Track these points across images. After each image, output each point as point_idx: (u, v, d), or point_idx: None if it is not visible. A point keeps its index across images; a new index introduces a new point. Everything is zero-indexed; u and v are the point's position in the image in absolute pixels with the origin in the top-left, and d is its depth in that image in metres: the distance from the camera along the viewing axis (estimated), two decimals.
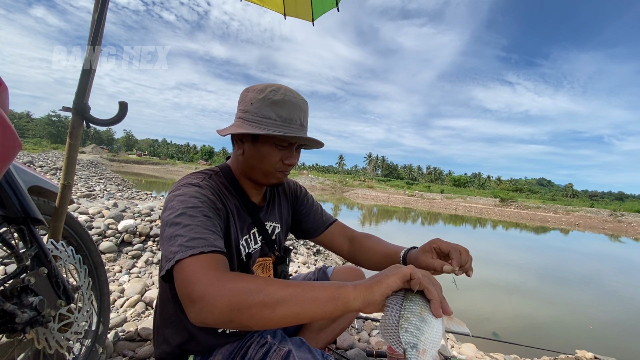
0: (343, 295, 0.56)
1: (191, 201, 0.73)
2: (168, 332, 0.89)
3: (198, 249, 0.62)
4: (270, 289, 0.55)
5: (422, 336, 0.52)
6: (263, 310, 0.54)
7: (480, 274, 6.35)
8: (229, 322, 0.54)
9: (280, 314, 0.54)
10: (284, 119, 0.82)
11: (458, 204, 35.41)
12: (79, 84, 1.00)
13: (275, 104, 0.82)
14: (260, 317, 0.54)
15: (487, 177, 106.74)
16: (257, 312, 0.53)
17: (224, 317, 0.53)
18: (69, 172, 1.04)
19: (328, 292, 0.56)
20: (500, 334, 3.38)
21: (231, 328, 0.55)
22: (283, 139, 0.84)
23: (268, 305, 0.54)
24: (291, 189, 1.13)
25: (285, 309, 0.54)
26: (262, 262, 1.02)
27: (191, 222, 0.68)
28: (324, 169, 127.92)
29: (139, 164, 53.99)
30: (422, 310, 0.53)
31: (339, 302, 0.55)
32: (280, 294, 0.55)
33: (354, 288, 0.56)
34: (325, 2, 1.80)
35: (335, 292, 0.56)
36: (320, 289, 0.56)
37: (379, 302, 0.56)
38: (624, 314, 4.79)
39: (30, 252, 0.83)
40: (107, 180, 13.22)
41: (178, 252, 0.62)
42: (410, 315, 0.53)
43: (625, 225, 26.76)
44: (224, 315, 0.53)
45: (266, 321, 0.54)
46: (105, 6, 1.02)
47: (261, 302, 0.54)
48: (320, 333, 1.16)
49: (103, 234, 2.64)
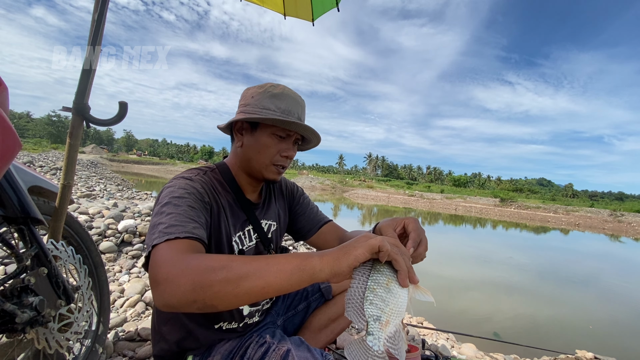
0: (309, 267, 0.54)
1: (178, 192, 0.74)
2: (165, 329, 0.89)
3: (174, 235, 0.63)
4: (234, 265, 0.54)
5: (387, 307, 0.51)
6: (226, 286, 0.52)
7: (480, 274, 6.35)
8: (192, 303, 0.52)
9: (244, 289, 0.52)
10: (283, 110, 0.85)
11: (458, 204, 35.41)
12: (79, 84, 1.00)
13: (275, 96, 0.85)
14: (224, 294, 0.52)
15: (487, 177, 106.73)
16: (220, 289, 0.52)
17: (187, 297, 0.51)
18: (69, 172, 1.04)
19: (293, 264, 0.54)
20: (500, 334, 3.38)
21: (197, 310, 0.52)
22: (282, 129, 0.85)
23: (231, 281, 0.52)
24: (288, 189, 1.14)
25: (249, 284, 0.52)
26: None
27: (174, 210, 0.69)
28: (324, 169, 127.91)
29: (139, 164, 53.99)
30: (388, 280, 0.52)
31: (304, 273, 0.54)
32: (243, 269, 0.53)
33: (320, 258, 0.55)
34: (326, 2, 1.80)
35: (301, 263, 0.54)
36: (285, 262, 0.55)
37: (346, 273, 0.55)
38: (624, 314, 4.79)
39: (30, 252, 0.83)
40: (107, 180, 13.22)
41: (156, 238, 0.63)
42: (376, 287, 0.52)
43: (625, 225, 26.76)
44: (187, 295, 0.51)
45: (230, 297, 0.52)
46: (105, 6, 1.02)
47: (224, 279, 0.52)
48: (320, 333, 1.16)
49: (103, 234, 2.64)
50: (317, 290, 1.21)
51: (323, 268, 0.54)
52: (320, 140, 0.95)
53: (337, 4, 1.78)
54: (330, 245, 1.09)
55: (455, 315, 3.80)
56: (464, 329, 2.58)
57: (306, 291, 1.21)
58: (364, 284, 0.52)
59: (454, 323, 3.47)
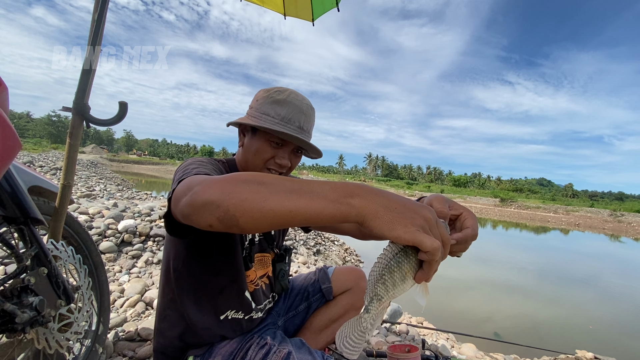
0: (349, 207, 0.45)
1: (201, 159, 0.79)
2: (165, 324, 0.89)
3: (202, 173, 0.65)
4: (269, 179, 0.49)
5: (393, 292, 0.49)
6: (255, 197, 0.46)
7: (480, 274, 6.35)
8: (215, 208, 0.47)
9: (271, 205, 0.46)
10: (282, 117, 0.84)
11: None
12: (79, 84, 1.00)
13: (277, 102, 0.85)
14: (250, 204, 0.46)
15: (487, 177, 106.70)
16: (247, 197, 0.46)
17: (213, 198, 0.48)
18: (69, 172, 1.04)
19: (334, 196, 0.46)
20: (500, 334, 3.38)
21: (216, 221, 0.48)
22: (277, 137, 0.85)
23: (261, 193, 0.47)
24: None
25: (278, 202, 0.46)
26: (261, 257, 1.02)
27: (199, 166, 0.72)
28: (324, 169, 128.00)
29: (138, 164, 54.01)
30: (409, 270, 0.48)
31: (339, 212, 0.45)
32: (278, 185, 0.48)
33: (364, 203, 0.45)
34: (326, 2, 1.80)
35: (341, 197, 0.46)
36: (328, 189, 0.47)
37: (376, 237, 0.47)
38: (624, 314, 4.79)
39: (30, 252, 0.83)
40: (107, 180, 13.23)
41: (183, 178, 0.61)
42: (396, 271, 0.48)
43: (625, 225, 26.77)
44: (213, 196, 0.48)
45: (255, 212, 0.46)
46: (105, 6, 1.02)
47: (255, 190, 0.47)
48: (321, 333, 1.16)
49: (103, 234, 2.64)
50: (318, 290, 1.21)
51: (359, 214, 0.44)
52: (320, 154, 0.94)
53: (337, 4, 1.78)
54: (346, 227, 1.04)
55: (455, 315, 3.80)
56: (464, 329, 2.58)
57: (307, 291, 1.22)
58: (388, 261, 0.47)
59: (454, 323, 3.47)
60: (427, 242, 0.42)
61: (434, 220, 0.45)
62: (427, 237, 0.42)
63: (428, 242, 0.42)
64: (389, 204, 0.45)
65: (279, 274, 1.08)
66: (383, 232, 0.43)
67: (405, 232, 0.43)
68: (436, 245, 0.42)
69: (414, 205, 0.45)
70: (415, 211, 0.44)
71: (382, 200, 0.45)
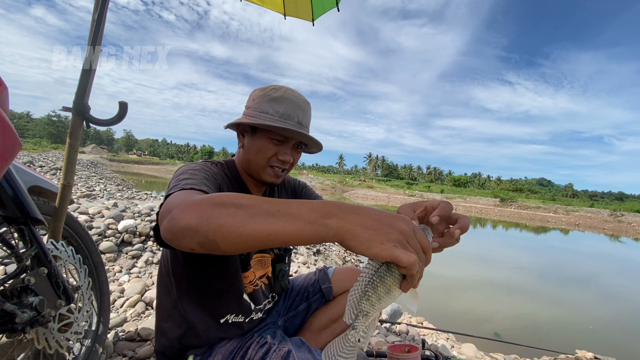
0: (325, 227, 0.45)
1: (196, 167, 0.80)
2: (167, 325, 0.89)
3: (188, 186, 0.66)
4: (246, 202, 0.49)
5: (379, 305, 0.49)
6: (233, 222, 0.46)
7: (480, 273, 6.35)
8: (195, 234, 0.47)
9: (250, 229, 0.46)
10: (281, 114, 0.85)
11: (458, 204, 35.41)
12: (79, 84, 1.00)
13: (274, 100, 0.86)
14: (229, 229, 0.46)
15: (487, 177, 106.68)
16: (226, 222, 0.47)
17: (192, 224, 0.48)
18: (69, 172, 1.04)
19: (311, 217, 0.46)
20: (500, 334, 3.38)
21: (197, 246, 0.48)
22: (278, 134, 0.86)
23: (239, 217, 0.47)
24: (290, 185, 1.16)
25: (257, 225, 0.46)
26: (260, 258, 1.02)
27: (190, 176, 0.73)
28: (324, 169, 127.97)
29: (139, 164, 54.01)
30: (393, 282, 0.48)
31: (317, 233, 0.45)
32: (255, 208, 0.48)
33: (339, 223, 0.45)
34: (326, 2, 1.80)
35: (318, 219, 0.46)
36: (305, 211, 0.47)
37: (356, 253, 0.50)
38: (624, 314, 4.79)
39: (30, 252, 0.83)
40: (107, 180, 13.23)
41: (170, 190, 0.65)
42: (379, 285, 0.48)
43: (625, 225, 26.77)
44: (192, 222, 0.48)
45: (234, 236, 0.46)
46: (105, 6, 1.02)
47: (232, 214, 0.47)
48: (321, 333, 1.16)
49: (103, 234, 2.64)
50: (318, 290, 1.21)
51: (337, 234, 0.45)
52: (321, 147, 0.95)
53: (337, 4, 1.78)
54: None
55: (455, 315, 3.81)
56: (464, 329, 2.59)
57: (307, 292, 1.21)
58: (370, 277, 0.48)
59: (454, 323, 3.47)
60: (403, 257, 0.43)
61: (410, 231, 0.45)
62: (403, 253, 0.43)
63: (404, 257, 0.43)
64: (365, 222, 0.45)
65: (279, 275, 1.08)
66: (361, 251, 0.44)
67: (381, 249, 0.43)
68: (412, 260, 0.43)
69: (390, 219, 0.46)
70: (391, 226, 0.45)
71: (358, 219, 0.45)
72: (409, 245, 0.44)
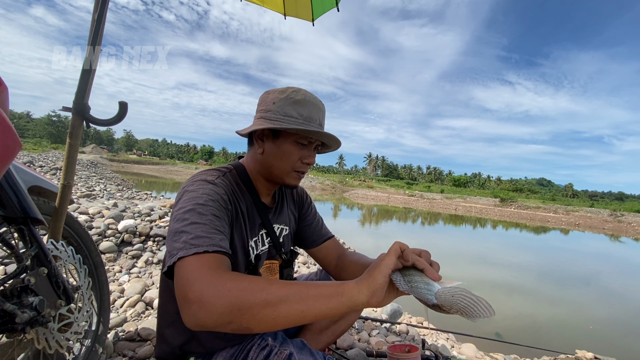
0: (347, 291, 0.56)
1: (202, 198, 0.72)
2: (169, 332, 0.88)
3: (202, 248, 0.61)
4: (273, 288, 0.54)
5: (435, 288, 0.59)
6: (265, 309, 0.52)
7: (480, 273, 6.35)
8: (228, 324, 0.51)
9: (283, 313, 0.52)
10: (305, 117, 0.84)
11: (458, 204, 35.41)
12: (79, 84, 1.00)
13: (297, 103, 0.84)
14: (263, 316, 0.52)
15: (487, 177, 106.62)
16: (258, 311, 0.51)
17: (224, 318, 0.51)
18: (69, 172, 1.04)
19: (332, 289, 0.56)
20: (501, 334, 3.38)
21: (230, 331, 0.52)
22: (304, 137, 0.85)
23: (271, 304, 0.52)
24: (299, 194, 1.14)
25: (289, 307, 0.53)
26: (269, 264, 1.01)
27: (199, 219, 0.66)
28: (324, 169, 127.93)
29: (139, 164, 53.99)
30: (421, 277, 0.59)
31: (343, 297, 0.55)
32: (282, 292, 0.54)
33: (356, 283, 0.57)
34: (325, 2, 1.80)
35: (338, 288, 0.56)
36: (323, 286, 0.57)
37: (383, 285, 0.58)
38: (624, 314, 4.79)
39: (30, 252, 0.83)
40: (107, 180, 13.22)
41: (182, 249, 0.61)
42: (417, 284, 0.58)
43: (625, 225, 26.76)
44: (224, 316, 0.51)
45: (269, 320, 0.52)
46: (105, 6, 1.02)
47: (264, 301, 0.52)
48: (322, 334, 1.16)
49: (103, 234, 2.64)
50: None
51: (361, 289, 0.56)
52: (340, 145, 0.94)
53: (337, 4, 1.78)
54: (327, 260, 1.11)
55: (455, 315, 3.80)
56: (464, 329, 2.58)
57: None
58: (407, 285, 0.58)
59: (454, 323, 3.46)
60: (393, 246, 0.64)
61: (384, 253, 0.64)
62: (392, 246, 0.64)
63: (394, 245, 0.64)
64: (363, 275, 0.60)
65: (286, 279, 1.07)
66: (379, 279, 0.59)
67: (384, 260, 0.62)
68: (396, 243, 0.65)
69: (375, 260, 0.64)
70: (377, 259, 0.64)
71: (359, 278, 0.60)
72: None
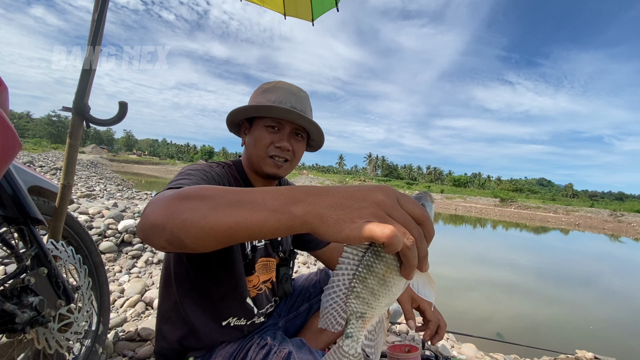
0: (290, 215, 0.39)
1: (195, 167, 0.80)
2: (167, 327, 0.89)
3: (178, 185, 0.65)
4: (210, 193, 0.45)
5: (376, 302, 0.38)
6: (194, 216, 0.43)
7: (480, 273, 6.35)
8: (162, 230, 0.45)
9: (211, 223, 0.42)
10: (273, 101, 0.86)
11: (458, 204, 35.41)
12: (78, 84, 1.00)
13: (266, 90, 0.89)
14: (191, 224, 0.43)
15: (487, 177, 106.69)
16: (188, 217, 0.43)
17: (158, 222, 0.45)
18: (69, 172, 1.04)
19: (275, 205, 0.40)
20: (502, 334, 3.38)
21: (166, 243, 0.45)
22: (272, 120, 0.87)
23: (201, 211, 0.43)
24: None
25: (218, 218, 0.42)
26: (266, 262, 1.02)
27: (185, 177, 0.72)
28: (324, 169, 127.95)
29: (138, 164, 54.00)
30: (387, 270, 0.38)
31: (281, 222, 0.39)
32: (218, 200, 0.44)
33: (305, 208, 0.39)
34: (325, 2, 1.80)
35: (283, 206, 0.40)
36: (269, 198, 0.41)
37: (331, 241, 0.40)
38: (624, 314, 4.79)
39: (30, 252, 0.83)
40: (107, 180, 13.23)
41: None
42: (368, 276, 0.37)
43: (625, 225, 26.76)
44: (159, 220, 0.45)
45: (196, 230, 0.43)
46: (105, 6, 1.02)
47: (195, 208, 0.44)
48: (321, 334, 1.16)
49: (103, 234, 2.64)
50: (319, 291, 1.21)
51: (304, 222, 0.38)
52: (322, 133, 0.93)
53: (337, 4, 1.78)
54: (334, 262, 1.15)
55: (455, 315, 3.80)
56: (464, 329, 2.58)
57: (309, 292, 1.21)
58: (353, 269, 0.38)
59: (454, 323, 3.46)
60: (376, 230, 0.34)
61: (390, 200, 0.37)
62: (377, 225, 0.34)
63: (378, 230, 0.34)
64: (335, 202, 0.38)
65: (282, 278, 1.08)
66: (332, 236, 0.37)
67: (352, 229, 0.35)
68: (387, 231, 0.34)
69: (364, 193, 0.38)
70: (364, 199, 0.37)
71: (327, 200, 0.38)
72: (391, 217, 0.36)
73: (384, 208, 0.36)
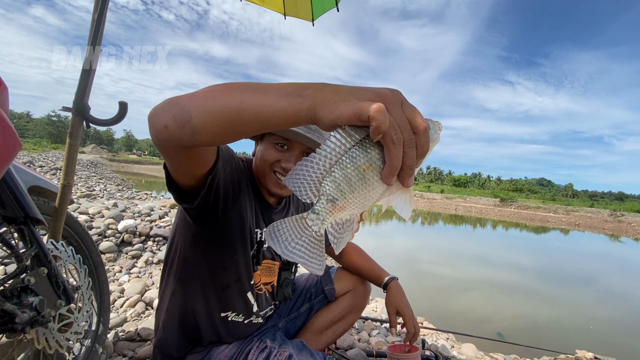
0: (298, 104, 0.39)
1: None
2: (165, 319, 0.89)
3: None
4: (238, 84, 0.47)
5: (350, 195, 0.38)
6: (212, 93, 0.47)
7: (480, 273, 6.35)
8: (174, 105, 0.48)
9: (220, 104, 0.44)
10: None
11: (458, 204, 35.41)
12: (78, 84, 1.00)
13: None
14: (203, 100, 0.46)
15: (487, 177, 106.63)
16: (204, 93, 0.47)
17: (178, 98, 0.48)
18: (69, 172, 1.03)
19: (286, 91, 0.41)
20: (502, 334, 3.38)
21: (171, 118, 0.47)
22: (281, 138, 0.85)
23: (217, 91, 0.47)
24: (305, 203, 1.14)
25: (228, 99, 0.44)
26: (270, 264, 1.02)
27: None
28: None
29: (138, 164, 53.99)
30: (369, 166, 0.37)
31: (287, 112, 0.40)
32: (231, 85, 0.47)
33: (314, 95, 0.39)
34: (325, 2, 1.80)
35: (296, 90, 0.40)
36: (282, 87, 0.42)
37: (327, 128, 0.39)
38: (624, 314, 4.79)
39: (30, 252, 0.83)
40: (107, 180, 13.23)
41: None
42: (349, 166, 0.37)
43: (625, 225, 26.76)
44: (177, 98, 0.49)
45: (208, 105, 0.45)
46: (105, 6, 1.02)
47: (213, 89, 0.48)
48: (322, 334, 1.16)
49: (103, 234, 2.64)
50: (320, 292, 1.21)
51: (310, 106, 0.39)
52: None
53: (337, 4, 1.78)
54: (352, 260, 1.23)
55: (455, 315, 3.80)
56: (464, 329, 2.58)
57: (309, 293, 1.21)
58: (339, 154, 0.37)
59: (454, 323, 3.46)
60: (365, 105, 0.33)
61: (393, 98, 0.36)
62: (368, 103, 0.33)
63: (366, 105, 0.33)
64: (341, 89, 0.38)
65: (283, 283, 1.08)
66: (327, 116, 0.37)
67: (345, 106, 0.35)
68: (375, 106, 0.33)
69: (372, 87, 0.38)
70: (369, 90, 0.37)
71: (334, 88, 0.39)
72: (388, 113, 0.34)
73: (384, 100, 0.35)
